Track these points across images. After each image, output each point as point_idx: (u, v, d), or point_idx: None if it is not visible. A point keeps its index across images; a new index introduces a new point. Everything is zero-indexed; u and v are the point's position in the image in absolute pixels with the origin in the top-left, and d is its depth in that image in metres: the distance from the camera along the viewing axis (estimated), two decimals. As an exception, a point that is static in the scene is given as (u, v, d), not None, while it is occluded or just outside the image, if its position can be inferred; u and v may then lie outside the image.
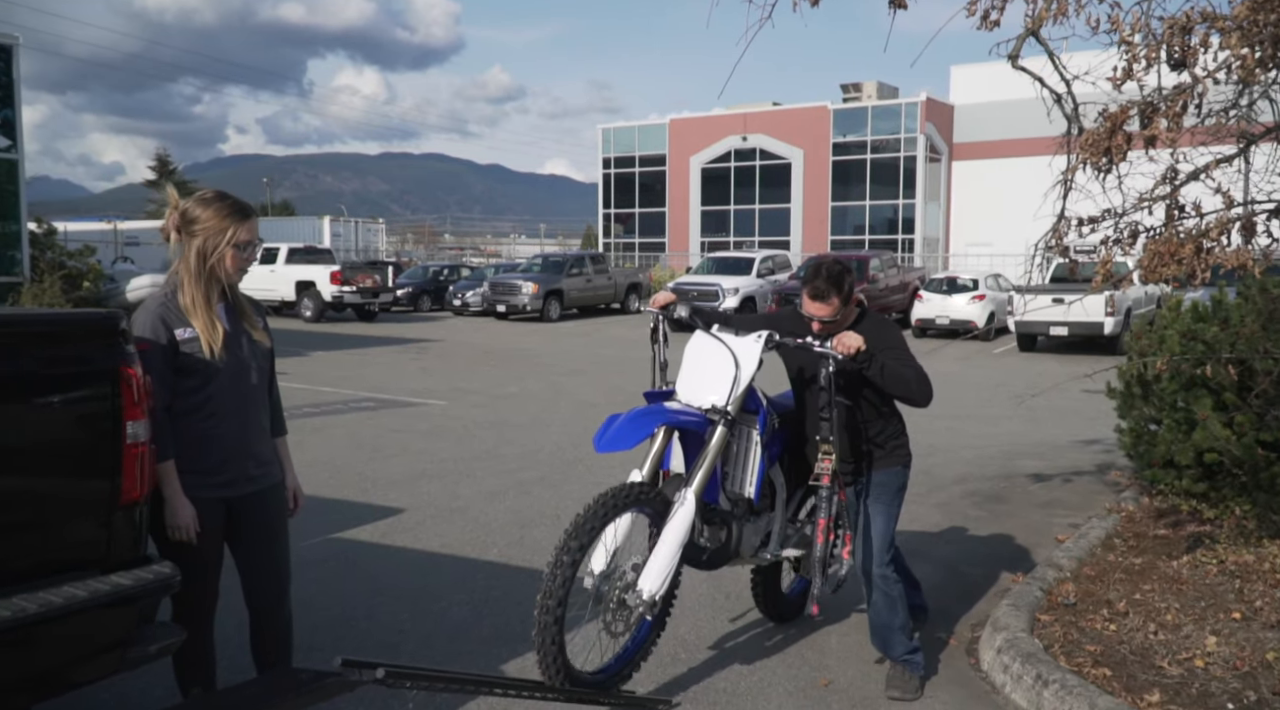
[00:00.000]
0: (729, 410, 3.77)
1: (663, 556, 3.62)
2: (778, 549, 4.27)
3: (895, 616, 4.07)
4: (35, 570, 2.61)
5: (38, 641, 2.51)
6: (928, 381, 3.93)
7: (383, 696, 3.75)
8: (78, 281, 15.91)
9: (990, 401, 13.63)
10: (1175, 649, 4.08)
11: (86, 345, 2.71)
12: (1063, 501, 7.40)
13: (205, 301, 3.24)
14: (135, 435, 2.79)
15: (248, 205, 3.38)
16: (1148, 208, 4.33)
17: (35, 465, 2.61)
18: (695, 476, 3.72)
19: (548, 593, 3.39)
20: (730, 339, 3.90)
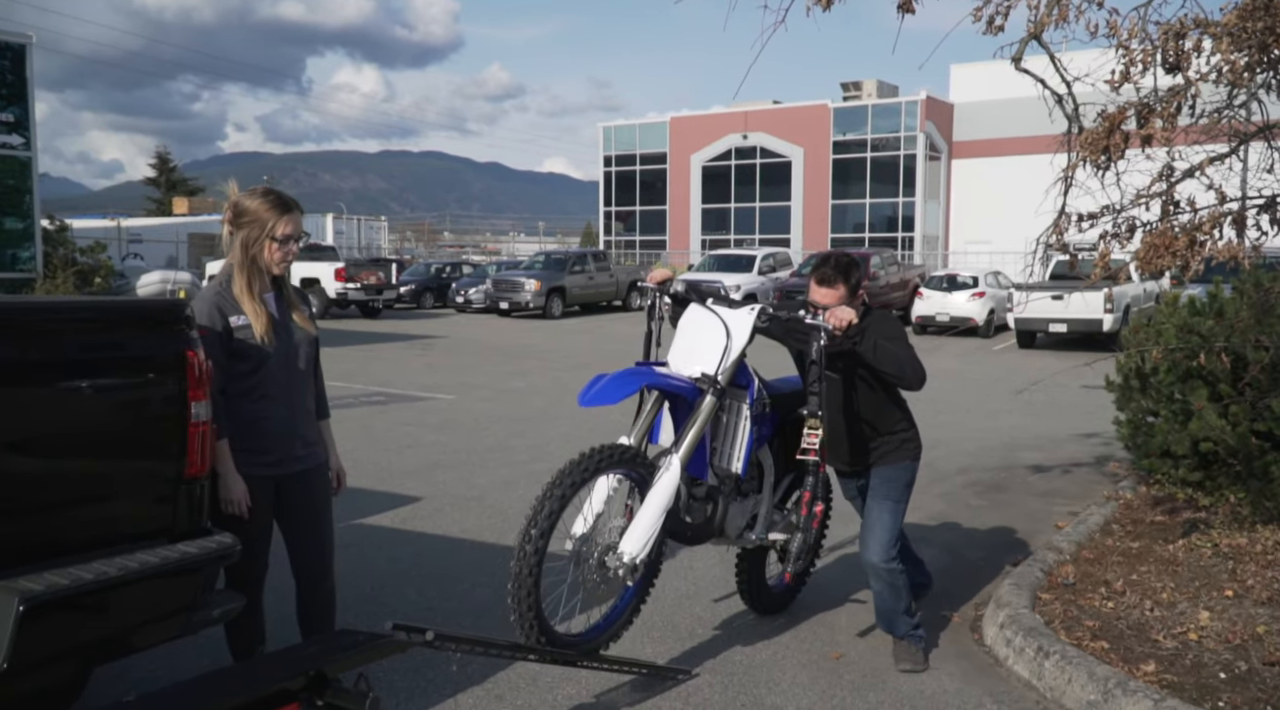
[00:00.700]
0: (719, 379, 3.73)
1: (645, 520, 3.55)
2: (763, 532, 4.29)
3: (900, 602, 4.18)
4: (111, 539, 2.81)
5: (115, 604, 2.71)
6: (920, 365, 4.00)
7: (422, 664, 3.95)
8: (89, 277, 16.11)
9: (990, 396, 13.82)
10: (1170, 624, 4.28)
11: (155, 331, 2.91)
12: (1062, 491, 7.60)
13: (250, 290, 3.44)
14: (198, 415, 2.99)
15: (291, 200, 3.58)
16: (1145, 204, 4.53)
17: (112, 442, 2.80)
18: (682, 443, 3.67)
19: (523, 552, 3.27)
20: (724, 311, 3.88)
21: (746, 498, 4.19)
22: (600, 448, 3.50)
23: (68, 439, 2.71)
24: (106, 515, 2.84)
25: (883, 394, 4.20)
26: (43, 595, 2.51)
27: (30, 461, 2.65)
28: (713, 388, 3.72)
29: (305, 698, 2.73)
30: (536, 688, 3.99)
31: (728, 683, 4.07)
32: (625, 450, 3.59)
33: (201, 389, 3.00)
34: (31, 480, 2.66)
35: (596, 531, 3.55)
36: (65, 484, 2.74)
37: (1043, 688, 3.94)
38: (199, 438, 3.00)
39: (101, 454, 2.79)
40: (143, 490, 2.91)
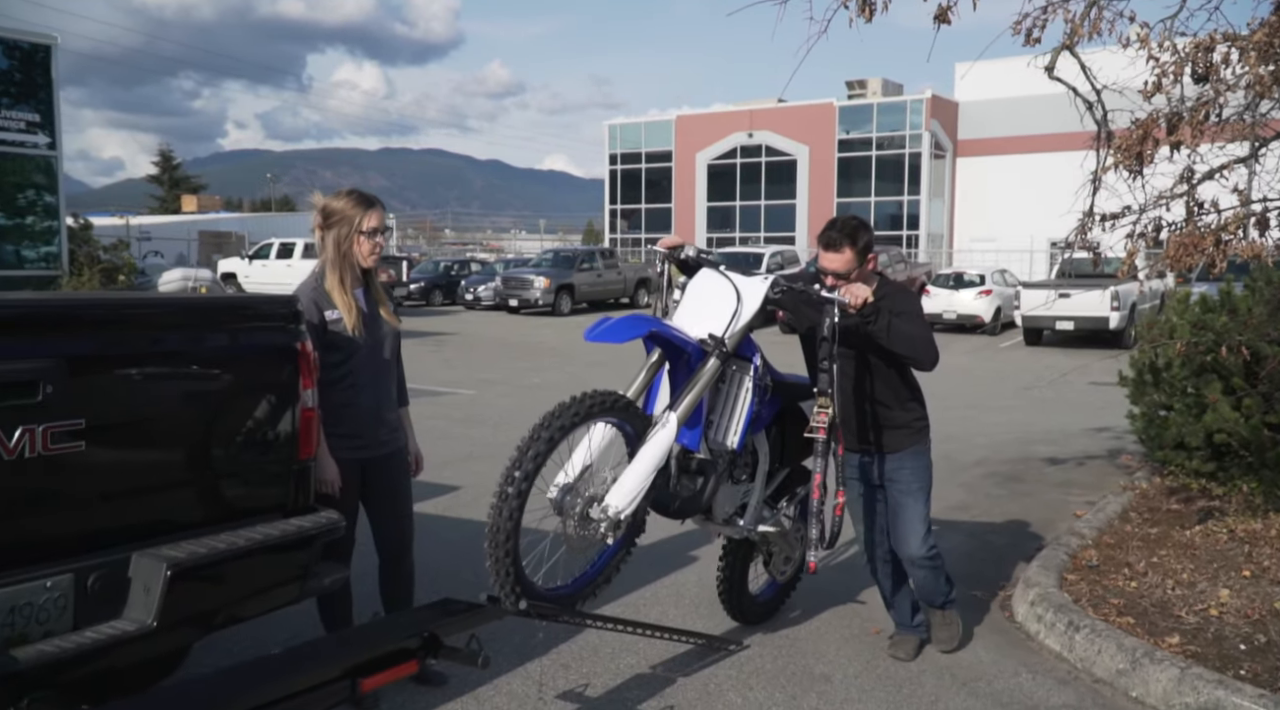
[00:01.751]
0: (725, 341, 3.54)
1: (635, 474, 3.34)
2: (752, 523, 4.16)
3: (940, 583, 4.24)
4: (238, 514, 3.08)
5: (244, 571, 2.98)
6: (934, 344, 3.93)
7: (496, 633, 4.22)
8: (113, 275, 16.38)
9: (1000, 393, 14.08)
10: (1191, 602, 4.55)
11: (274, 325, 3.18)
12: (1078, 482, 7.87)
13: (342, 285, 3.70)
14: (308, 402, 3.26)
15: (373, 197, 3.86)
16: (1166, 204, 4.79)
17: (240, 426, 3.08)
18: (681, 401, 3.49)
19: (504, 495, 3.07)
20: (737, 276, 3.72)
21: (739, 484, 4.07)
22: (594, 392, 3.28)
23: (207, 424, 2.98)
24: (235, 493, 3.11)
25: (896, 374, 4.12)
26: (186, 562, 2.79)
27: (175, 444, 2.92)
28: (718, 350, 3.52)
29: (422, 656, 3.01)
30: (599, 657, 4.26)
31: (776, 654, 4.34)
32: (620, 399, 3.38)
33: (311, 378, 3.27)
34: (176, 461, 2.93)
35: (582, 482, 3.33)
36: (205, 464, 3.02)
37: (1073, 659, 4.21)
38: (309, 422, 3.27)
39: (231, 437, 3.06)
40: (264, 471, 3.18)
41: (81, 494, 2.72)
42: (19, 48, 15.02)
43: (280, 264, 27.71)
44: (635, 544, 3.68)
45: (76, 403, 2.65)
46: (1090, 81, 4.45)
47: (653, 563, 5.51)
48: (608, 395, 3.34)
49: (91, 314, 2.85)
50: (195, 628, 2.97)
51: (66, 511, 2.70)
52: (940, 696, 3.93)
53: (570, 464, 3.33)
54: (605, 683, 4.05)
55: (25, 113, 14.92)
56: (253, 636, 4.14)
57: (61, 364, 2.62)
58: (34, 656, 2.53)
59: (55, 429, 2.60)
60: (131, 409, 2.81)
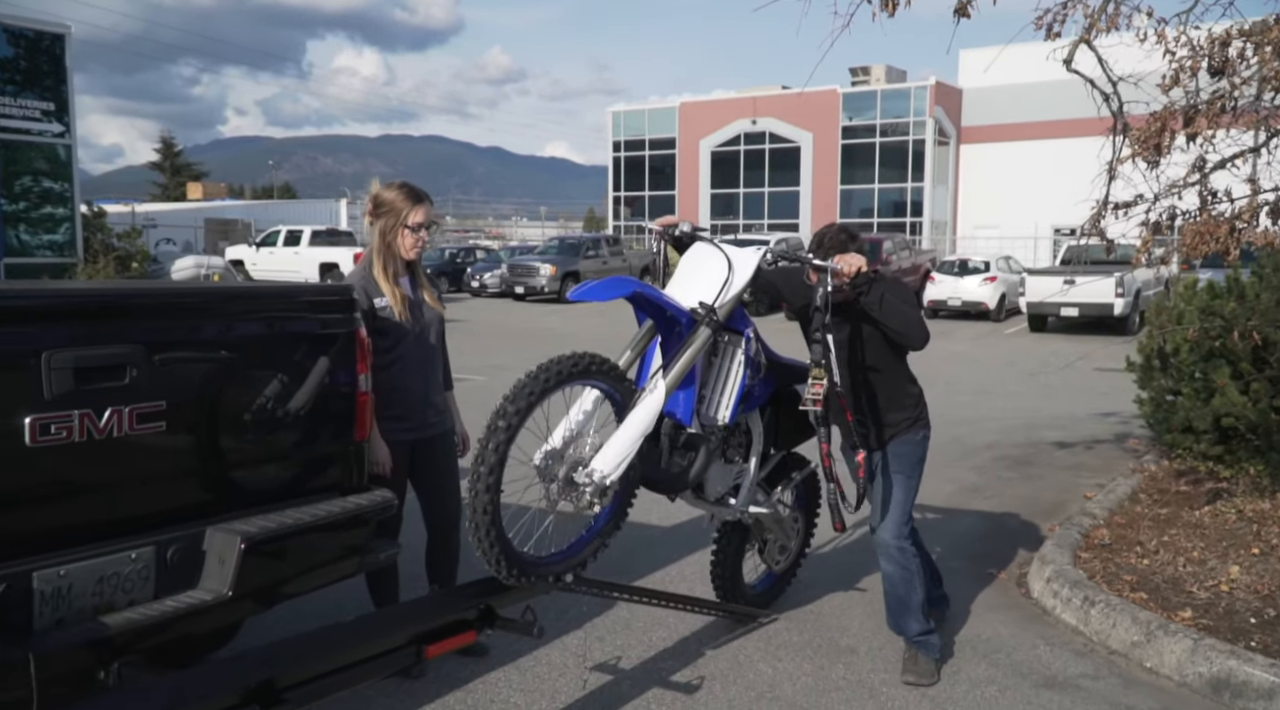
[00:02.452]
0: (716, 310, 3.46)
1: (622, 439, 3.24)
2: (744, 504, 4.10)
3: (912, 593, 4.02)
4: (302, 492, 3.24)
5: (308, 545, 3.14)
6: (925, 326, 3.89)
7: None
8: (127, 263, 16.52)
9: (1006, 378, 14.22)
10: (1202, 578, 4.72)
11: (334, 312, 3.34)
12: (1087, 465, 8.03)
13: (388, 273, 3.86)
14: (363, 385, 3.42)
15: (422, 192, 4.00)
16: (1178, 193, 4.93)
17: (304, 409, 3.23)
18: (673, 367, 3.38)
19: (483, 457, 2.94)
20: (729, 247, 3.66)
21: (731, 463, 4.02)
22: (581, 353, 3.18)
23: (273, 406, 3.13)
24: (296, 472, 3.27)
25: (891, 359, 4.05)
26: (258, 536, 2.95)
27: (244, 425, 3.07)
28: (709, 318, 3.44)
29: (479, 626, 3.17)
30: (630, 631, 4.43)
31: (802, 627, 4.51)
32: (607, 362, 3.28)
33: (366, 363, 3.43)
34: (244, 441, 3.09)
35: (567, 447, 3.22)
36: (270, 444, 3.18)
37: (1089, 632, 4.37)
38: (363, 405, 3.43)
39: (294, 420, 3.21)
40: (323, 451, 3.34)
41: (161, 471, 2.88)
42: (32, 37, 15.12)
43: (288, 251, 27.84)
44: (626, 515, 3.55)
45: (158, 385, 2.80)
46: (1107, 74, 4.58)
47: (679, 543, 5.68)
48: (596, 357, 3.22)
49: (171, 302, 3.01)
50: (264, 598, 3.13)
51: (148, 487, 2.86)
52: (962, 668, 4.10)
53: (556, 431, 3.23)
54: (639, 655, 4.22)
55: (39, 101, 15.04)
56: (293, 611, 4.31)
57: (145, 349, 2.77)
58: (122, 623, 2.69)
59: (140, 410, 2.76)
60: (205, 392, 2.97)
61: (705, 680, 3.97)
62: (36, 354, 2.55)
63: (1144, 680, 3.98)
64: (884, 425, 4.07)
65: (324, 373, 3.27)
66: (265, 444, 3.18)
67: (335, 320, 3.34)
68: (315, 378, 3.24)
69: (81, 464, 2.68)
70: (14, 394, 2.52)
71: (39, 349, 2.55)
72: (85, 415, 2.64)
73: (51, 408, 2.57)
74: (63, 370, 2.59)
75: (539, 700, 3.78)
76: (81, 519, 2.73)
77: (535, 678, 3.97)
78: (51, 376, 2.57)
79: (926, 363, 4.30)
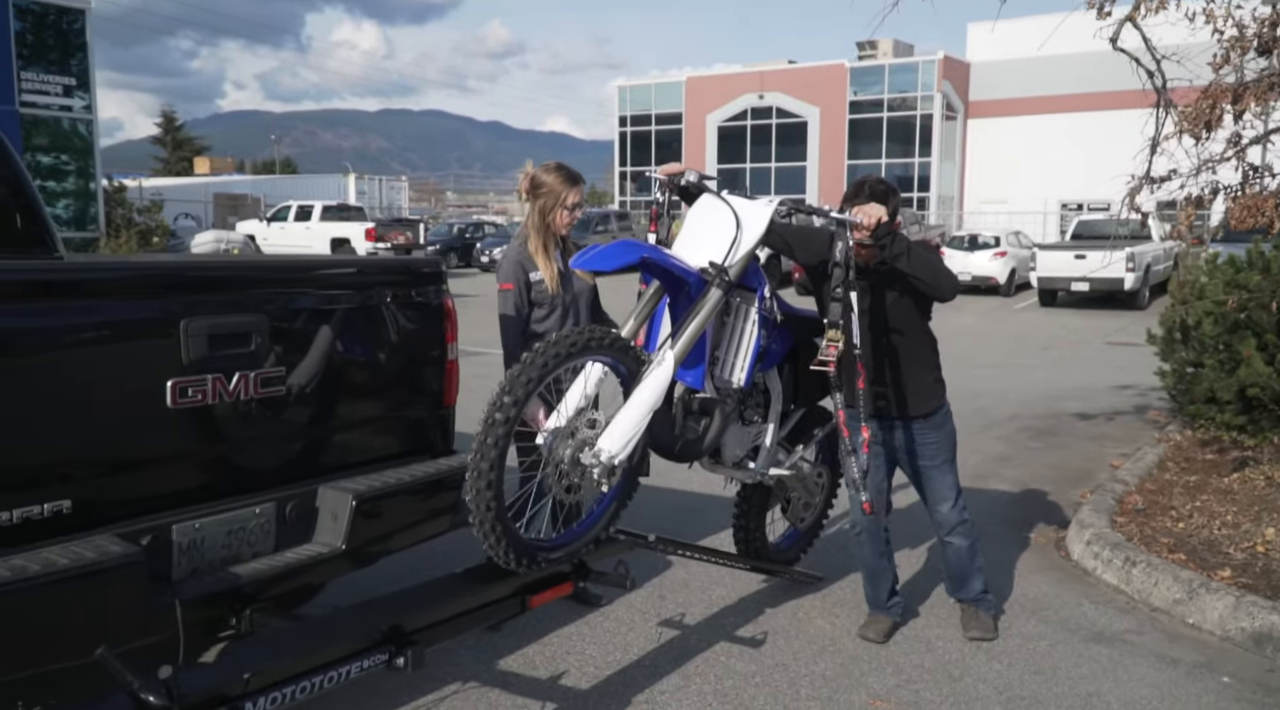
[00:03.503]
0: (727, 269, 3.28)
1: (629, 417, 3.06)
2: (764, 466, 3.96)
3: (975, 560, 4.14)
4: (399, 454, 3.43)
5: (408, 503, 3.33)
6: (954, 275, 3.78)
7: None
8: (148, 237, 16.65)
9: (1021, 352, 14.39)
10: (1237, 540, 4.91)
11: (427, 284, 3.51)
12: (1110, 435, 8.21)
13: (544, 249, 4.14)
14: (451, 354, 3.60)
15: (577, 174, 4.26)
16: (1212, 168, 5.08)
17: (404, 375, 3.41)
18: (680, 336, 3.23)
19: (486, 441, 2.80)
20: (737, 200, 3.46)
21: (749, 424, 3.88)
22: (586, 327, 3.06)
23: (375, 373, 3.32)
24: (394, 435, 3.46)
25: (916, 324, 3.92)
26: (367, 494, 3.13)
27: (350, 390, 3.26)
28: (719, 278, 3.26)
29: (575, 578, 3.37)
30: (690, 590, 4.62)
31: (854, 586, 4.69)
32: (613, 336, 3.12)
33: (454, 333, 3.61)
34: (351, 405, 3.28)
35: (572, 426, 3.06)
36: (372, 409, 3.38)
37: (1131, 591, 4.57)
38: (453, 373, 3.61)
39: (393, 386, 3.41)
40: (417, 416, 3.53)
41: (280, 433, 3.07)
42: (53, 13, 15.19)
43: (299, 226, 27.95)
44: (633, 495, 3.39)
45: (278, 352, 2.98)
46: (1151, 52, 4.72)
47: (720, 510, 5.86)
48: (602, 331, 3.07)
49: (288, 274, 3.18)
50: (369, 552, 3.31)
51: (269, 448, 3.04)
52: (1012, 624, 4.29)
53: (561, 408, 3.09)
54: (701, 612, 4.41)
55: (62, 77, 15.13)
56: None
57: (267, 318, 2.94)
58: (250, 574, 2.88)
59: (263, 375, 2.94)
60: (317, 359, 3.14)
61: (768, 635, 4.16)
62: (175, 322, 2.72)
63: (1187, 635, 4.17)
64: (909, 394, 3.93)
65: (418, 341, 3.45)
66: (367, 408, 3.37)
67: (427, 291, 3.51)
68: (410, 346, 3.42)
69: (213, 425, 2.86)
70: (157, 359, 2.70)
71: (178, 317, 2.72)
72: (217, 380, 2.82)
73: (188, 372, 2.75)
74: (198, 337, 2.76)
75: (613, 652, 3.98)
76: (212, 477, 2.91)
77: (606, 632, 4.17)
78: (188, 343, 2.75)
79: (940, 336, 4.19)
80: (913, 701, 3.60)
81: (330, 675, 2.59)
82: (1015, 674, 3.81)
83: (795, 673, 3.83)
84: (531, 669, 3.83)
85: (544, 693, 3.64)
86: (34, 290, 2.55)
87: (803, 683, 3.75)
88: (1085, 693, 3.66)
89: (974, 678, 3.78)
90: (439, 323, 3.54)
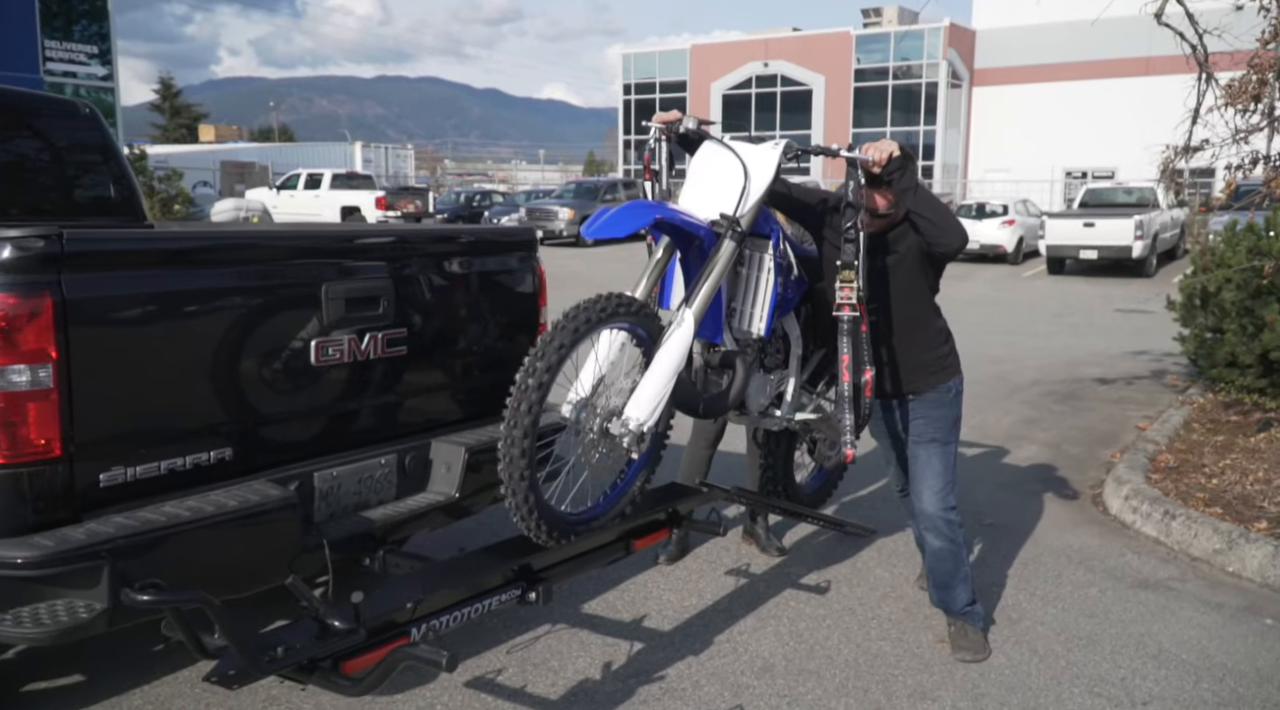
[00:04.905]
0: (738, 220, 3.19)
1: (653, 382, 3.02)
2: (790, 413, 3.85)
3: (960, 566, 3.77)
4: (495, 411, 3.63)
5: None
6: (962, 226, 3.58)
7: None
8: (169, 205, 16.78)
9: (1032, 319, 14.60)
10: (1271, 495, 5.16)
11: (524, 252, 3.71)
12: (1131, 399, 8.46)
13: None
14: (544, 317, 3.81)
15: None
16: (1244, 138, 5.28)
17: (503, 336, 3.62)
18: (697, 294, 3.15)
19: (515, 418, 2.79)
20: (742, 147, 3.35)
21: (771, 372, 3.79)
22: (602, 296, 2.97)
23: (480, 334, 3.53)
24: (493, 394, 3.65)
25: (921, 289, 3.69)
26: (477, 447, 3.36)
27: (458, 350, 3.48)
28: (732, 230, 3.18)
29: (670, 525, 3.61)
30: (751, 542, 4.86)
31: (907, 540, 4.93)
32: (630, 301, 3.06)
33: (545, 296, 3.82)
34: (458, 364, 3.49)
35: (597, 396, 3.04)
36: (476, 367, 3.59)
37: (1170, 542, 4.82)
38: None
39: (494, 346, 3.62)
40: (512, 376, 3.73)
41: (400, 389, 3.29)
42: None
43: (308, 194, 28.03)
44: (660, 456, 3.35)
45: (400, 314, 3.20)
46: (1195, 27, 4.91)
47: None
48: (618, 298, 3.01)
49: (409, 242, 3.38)
50: (472, 503, 3.54)
51: (391, 403, 3.27)
52: (1062, 572, 4.54)
53: (582, 377, 3.05)
54: (765, 561, 4.65)
55: (84, 44, 15.20)
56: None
57: (392, 282, 3.16)
58: (380, 518, 3.12)
59: (389, 335, 3.16)
60: (431, 320, 3.36)
61: (832, 583, 4.41)
62: (318, 285, 2.93)
63: (1228, 582, 4.43)
64: (905, 370, 3.70)
65: (516, 305, 3.66)
66: (473, 367, 3.58)
67: (523, 257, 3.72)
68: (509, 309, 3.64)
69: (347, 381, 3.08)
70: (304, 320, 2.91)
71: (320, 281, 2.94)
72: (351, 339, 3.04)
73: (328, 332, 2.97)
74: (336, 301, 2.98)
75: (688, 597, 4.22)
76: (344, 429, 3.14)
77: (677, 580, 4.41)
78: (328, 305, 2.96)
79: (951, 304, 4.19)
80: (978, 641, 3.85)
81: (476, 607, 2.84)
82: (1070, 617, 4.06)
83: (863, 616, 4.08)
84: (614, 612, 4.08)
85: (630, 633, 3.89)
86: (209, 255, 2.76)
87: (872, 625, 4.00)
88: (1138, 634, 3.91)
89: (1032, 620, 4.03)
90: (533, 287, 3.75)
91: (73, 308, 2.38)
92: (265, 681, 3.38)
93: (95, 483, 2.48)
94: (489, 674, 3.49)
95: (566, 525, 3.08)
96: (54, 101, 4.77)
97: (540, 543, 2.96)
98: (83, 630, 2.35)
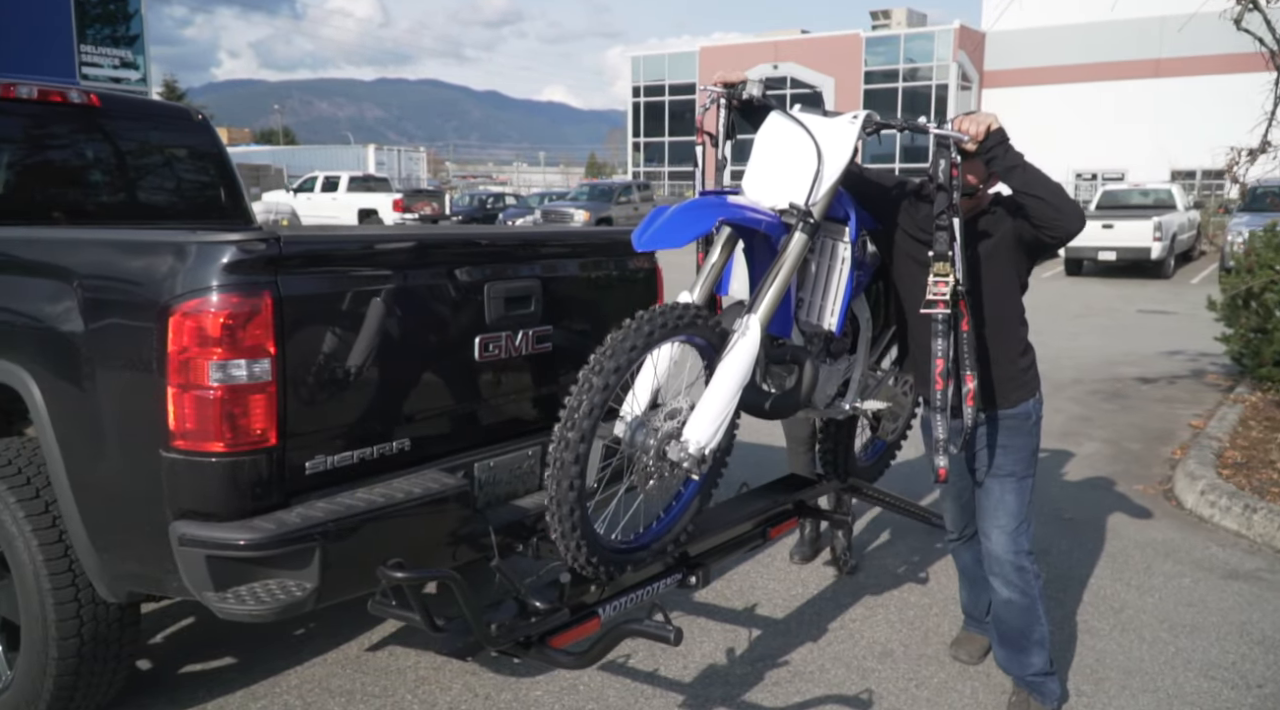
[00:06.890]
0: (811, 211, 2.84)
1: (716, 400, 2.72)
2: (856, 399, 3.54)
3: (1035, 623, 3.26)
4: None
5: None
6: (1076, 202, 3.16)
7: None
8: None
9: (1057, 320, 14.71)
10: (1343, 489, 5.29)
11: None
12: (1177, 398, 8.57)
13: None
14: (662, 313, 3.92)
15: None
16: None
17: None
18: (763, 298, 2.82)
19: (564, 444, 2.54)
20: (815, 121, 2.95)
21: (838, 359, 3.41)
22: (656, 310, 2.70)
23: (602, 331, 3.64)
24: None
25: (1012, 289, 3.26)
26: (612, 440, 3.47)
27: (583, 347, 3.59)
28: (803, 222, 2.84)
29: (797, 516, 3.75)
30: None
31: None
32: (686, 311, 2.76)
33: (662, 296, 3.93)
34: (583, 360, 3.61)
35: (654, 415, 2.76)
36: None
37: (1253, 535, 4.94)
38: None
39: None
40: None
41: (544, 383, 3.40)
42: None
43: (325, 197, 28.18)
44: (721, 474, 3.05)
45: (547, 313, 3.32)
46: (1272, 32, 5.04)
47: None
48: (673, 310, 2.72)
49: (555, 244, 3.51)
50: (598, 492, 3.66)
51: (535, 396, 3.38)
52: (1152, 564, 4.66)
53: (637, 394, 2.76)
54: (858, 552, 4.77)
55: (116, 49, 15.34)
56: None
57: (540, 282, 3.28)
58: (531, 507, 3.23)
59: (538, 332, 3.27)
60: (571, 318, 3.48)
61: (931, 574, 4.53)
62: (482, 285, 3.06)
63: (1315, 573, 4.56)
64: (994, 379, 3.20)
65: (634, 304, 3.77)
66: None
67: (643, 259, 3.84)
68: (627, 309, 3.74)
69: (503, 376, 3.21)
70: (470, 318, 3.04)
71: (483, 281, 3.06)
72: (508, 336, 3.16)
73: (490, 329, 3.09)
74: (497, 299, 3.10)
75: (793, 587, 4.34)
76: (499, 422, 3.26)
77: (779, 571, 4.54)
78: (490, 304, 3.08)
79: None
80: (1087, 629, 3.97)
81: (648, 589, 2.97)
82: (1170, 606, 4.18)
83: (967, 605, 4.20)
84: (726, 601, 4.20)
85: (745, 620, 4.01)
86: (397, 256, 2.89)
87: (978, 613, 4.12)
88: (1238, 621, 4.03)
89: (1134, 609, 4.15)
90: (652, 285, 3.87)
91: (288, 306, 2.50)
92: (414, 662, 3.54)
93: (302, 470, 2.61)
94: (620, 657, 3.62)
95: (615, 558, 2.80)
96: (170, 109, 4.90)
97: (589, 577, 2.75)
98: (296, 608, 2.47)
